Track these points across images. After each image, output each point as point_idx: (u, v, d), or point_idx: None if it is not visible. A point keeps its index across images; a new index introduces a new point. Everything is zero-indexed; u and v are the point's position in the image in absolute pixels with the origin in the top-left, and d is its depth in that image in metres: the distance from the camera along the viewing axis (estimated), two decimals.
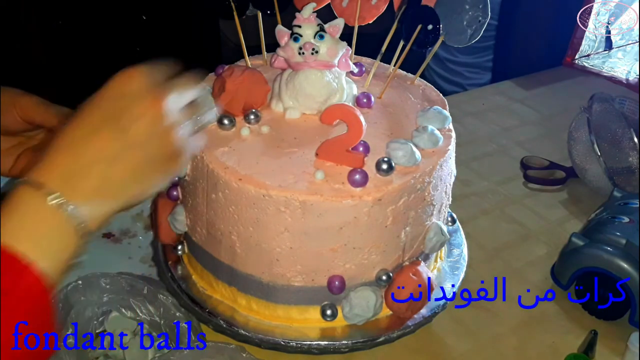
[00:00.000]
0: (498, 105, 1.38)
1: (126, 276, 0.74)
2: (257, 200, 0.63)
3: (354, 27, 0.79)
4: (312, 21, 0.70)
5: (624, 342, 0.76)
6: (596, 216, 0.91)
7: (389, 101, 0.78)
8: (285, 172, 0.64)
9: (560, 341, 0.79)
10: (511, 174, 1.13)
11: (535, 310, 0.84)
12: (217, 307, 0.72)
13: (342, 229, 0.64)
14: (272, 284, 0.68)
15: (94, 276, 0.73)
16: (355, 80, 0.78)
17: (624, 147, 1.08)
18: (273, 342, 0.69)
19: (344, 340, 0.69)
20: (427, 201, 0.68)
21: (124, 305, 0.72)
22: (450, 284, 0.77)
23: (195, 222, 0.71)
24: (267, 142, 0.68)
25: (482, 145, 1.22)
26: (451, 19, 0.75)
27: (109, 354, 0.73)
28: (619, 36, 1.56)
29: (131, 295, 0.73)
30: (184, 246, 0.77)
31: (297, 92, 0.71)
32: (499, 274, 0.90)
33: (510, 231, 0.99)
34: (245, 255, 0.67)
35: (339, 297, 0.68)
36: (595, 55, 1.56)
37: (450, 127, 0.74)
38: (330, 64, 0.70)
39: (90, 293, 0.72)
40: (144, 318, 0.72)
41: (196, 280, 0.75)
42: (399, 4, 0.78)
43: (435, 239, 0.71)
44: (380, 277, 0.68)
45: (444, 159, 0.69)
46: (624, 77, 1.49)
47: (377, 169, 0.64)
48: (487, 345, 0.79)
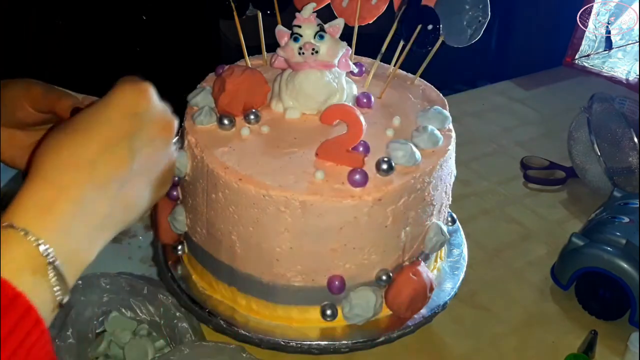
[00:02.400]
0: (498, 105, 1.38)
1: (126, 276, 0.75)
2: (257, 201, 0.63)
3: (354, 27, 0.79)
4: (312, 21, 0.70)
5: (624, 342, 0.76)
6: (596, 216, 0.91)
7: (389, 101, 0.78)
8: (285, 172, 0.64)
9: (560, 341, 0.79)
10: (511, 174, 1.13)
11: (535, 310, 0.85)
12: (217, 307, 0.72)
13: (342, 229, 0.64)
14: (272, 284, 0.68)
15: (94, 276, 0.73)
16: (355, 80, 0.78)
17: (624, 147, 1.08)
18: (273, 342, 0.68)
19: (344, 340, 0.69)
20: (427, 201, 0.68)
21: (124, 305, 0.72)
22: (450, 284, 0.77)
23: (195, 222, 0.71)
24: (267, 142, 0.68)
25: (482, 145, 1.22)
26: (451, 19, 0.74)
27: (109, 354, 0.73)
28: (619, 36, 1.56)
29: (131, 295, 0.73)
30: (184, 246, 0.77)
31: (297, 92, 0.71)
32: (499, 274, 0.90)
33: (510, 231, 0.99)
34: (245, 255, 0.67)
35: (339, 297, 0.68)
36: (595, 55, 1.56)
37: (450, 127, 0.74)
38: (330, 64, 0.70)
39: (90, 293, 0.72)
40: (144, 318, 0.73)
41: (196, 280, 0.75)
42: (399, 4, 0.78)
43: (435, 239, 0.71)
44: (380, 277, 0.68)
45: (444, 159, 0.69)
46: (624, 77, 1.49)
47: (377, 169, 0.64)
48: (487, 345, 0.79)
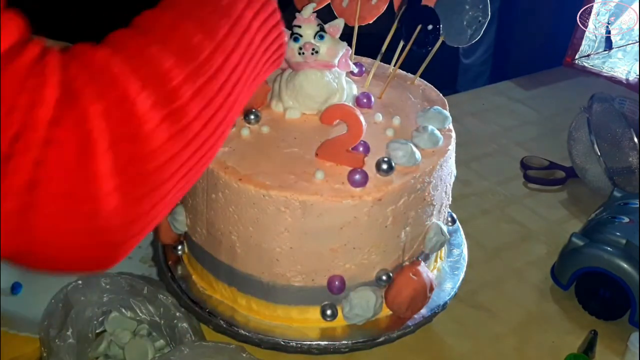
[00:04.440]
0: (498, 105, 1.38)
1: (126, 276, 0.75)
2: (257, 200, 0.63)
3: (354, 27, 0.79)
4: (312, 21, 0.70)
5: (624, 342, 0.76)
6: (596, 216, 0.91)
7: (389, 101, 0.78)
8: (285, 172, 0.64)
9: (560, 341, 0.79)
10: (511, 174, 1.13)
11: (535, 310, 0.85)
12: (217, 307, 0.72)
13: (342, 229, 0.64)
14: (272, 284, 0.68)
15: (94, 276, 0.73)
16: (355, 80, 0.78)
17: (624, 147, 1.08)
18: (273, 342, 0.68)
19: (344, 340, 0.69)
20: (427, 201, 0.68)
21: (124, 305, 0.72)
22: (450, 284, 0.77)
23: (195, 222, 0.71)
24: (267, 142, 0.68)
25: (482, 145, 1.22)
26: (451, 19, 0.74)
27: (109, 354, 0.73)
28: (619, 36, 1.55)
29: (131, 295, 0.73)
30: (184, 246, 0.77)
31: (297, 92, 0.71)
32: (499, 274, 0.90)
33: (510, 231, 0.99)
34: (245, 255, 0.67)
35: (339, 297, 0.68)
36: (595, 55, 1.56)
37: (450, 127, 0.74)
38: (330, 64, 0.70)
39: (90, 293, 0.72)
40: (144, 318, 0.73)
41: (196, 280, 0.75)
42: (399, 4, 0.78)
43: (435, 239, 0.71)
44: (380, 277, 0.68)
45: (444, 159, 0.69)
46: (624, 77, 1.48)
47: (377, 169, 0.64)
48: (487, 345, 0.79)
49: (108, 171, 0.38)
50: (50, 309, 0.71)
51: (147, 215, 0.42)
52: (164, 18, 0.46)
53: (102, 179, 0.38)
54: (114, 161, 0.38)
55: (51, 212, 0.38)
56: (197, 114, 0.43)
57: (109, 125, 0.38)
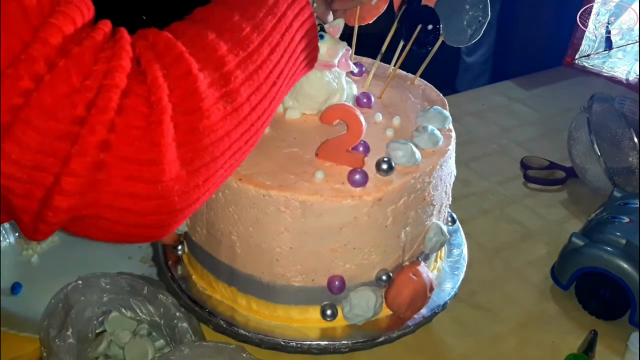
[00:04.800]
0: (498, 105, 1.38)
1: (126, 276, 0.75)
2: (257, 200, 0.63)
3: (354, 27, 0.79)
4: None
5: (624, 342, 0.76)
6: (596, 216, 0.91)
7: (389, 101, 0.78)
8: (285, 172, 0.64)
9: (560, 341, 0.79)
10: (511, 174, 1.13)
11: (535, 310, 0.85)
12: (217, 307, 0.72)
13: (342, 229, 0.64)
14: (272, 284, 0.68)
15: (94, 276, 0.73)
16: (355, 80, 0.78)
17: (624, 147, 1.08)
18: (273, 342, 0.68)
19: (344, 340, 0.69)
20: (427, 201, 0.68)
21: (124, 305, 0.72)
22: (450, 284, 0.77)
23: (195, 222, 0.71)
24: (267, 142, 0.68)
25: (482, 145, 1.22)
26: (451, 19, 0.75)
27: (109, 354, 0.73)
28: (619, 36, 1.55)
29: (131, 295, 0.73)
30: (184, 246, 0.77)
31: (297, 92, 0.71)
32: (499, 274, 0.90)
33: (510, 231, 0.99)
34: (245, 255, 0.67)
35: (339, 297, 0.68)
36: (595, 55, 1.56)
37: (450, 127, 0.74)
38: (330, 64, 0.70)
39: (90, 293, 0.72)
40: (144, 318, 0.73)
41: (196, 280, 0.75)
42: (399, 4, 0.78)
43: (435, 239, 0.71)
44: (380, 277, 0.68)
45: (444, 159, 0.69)
46: (624, 77, 1.48)
47: (377, 169, 0.64)
48: (487, 345, 0.79)
49: (172, 140, 0.42)
50: (50, 309, 0.71)
51: (202, 187, 0.46)
52: (216, 12, 0.50)
53: (166, 146, 0.42)
54: (177, 131, 0.42)
55: (119, 175, 0.41)
56: (246, 98, 0.47)
57: (173, 98, 0.42)
